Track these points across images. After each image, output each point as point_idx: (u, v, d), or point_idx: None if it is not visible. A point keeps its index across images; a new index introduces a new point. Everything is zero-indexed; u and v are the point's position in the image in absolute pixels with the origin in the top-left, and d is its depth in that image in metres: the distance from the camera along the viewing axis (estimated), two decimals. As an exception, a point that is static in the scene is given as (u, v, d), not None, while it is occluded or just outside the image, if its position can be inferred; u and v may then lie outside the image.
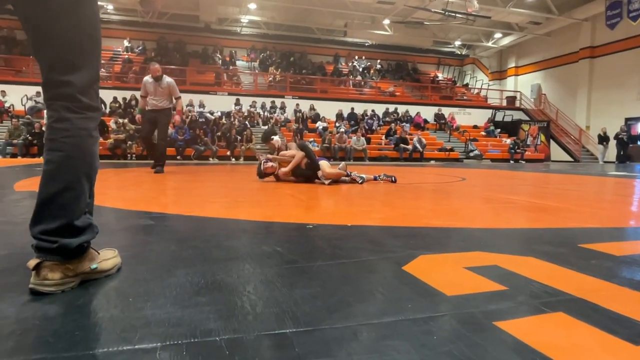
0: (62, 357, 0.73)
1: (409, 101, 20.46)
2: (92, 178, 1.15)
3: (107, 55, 19.44)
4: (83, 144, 1.10)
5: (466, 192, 4.04)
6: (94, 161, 1.14)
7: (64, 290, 1.06)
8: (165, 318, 0.90)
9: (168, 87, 6.14)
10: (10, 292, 1.05)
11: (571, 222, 2.35)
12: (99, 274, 1.17)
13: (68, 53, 1.06)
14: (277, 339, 0.81)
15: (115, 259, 1.25)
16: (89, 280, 1.14)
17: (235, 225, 2.13)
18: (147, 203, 3.02)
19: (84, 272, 1.12)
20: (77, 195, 1.09)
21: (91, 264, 1.14)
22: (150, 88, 6.10)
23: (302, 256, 1.44)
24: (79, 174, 1.10)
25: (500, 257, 1.45)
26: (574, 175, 7.55)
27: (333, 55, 23.93)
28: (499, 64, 24.75)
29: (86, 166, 1.11)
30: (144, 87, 6.17)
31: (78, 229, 1.09)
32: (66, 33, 1.05)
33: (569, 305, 1.01)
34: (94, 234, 1.17)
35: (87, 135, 1.11)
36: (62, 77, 1.06)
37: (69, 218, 1.07)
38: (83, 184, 1.10)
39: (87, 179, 1.12)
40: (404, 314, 0.95)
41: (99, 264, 1.17)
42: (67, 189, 1.07)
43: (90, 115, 1.12)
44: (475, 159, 16.46)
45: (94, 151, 1.14)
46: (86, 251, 1.14)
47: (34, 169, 6.79)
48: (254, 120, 16.17)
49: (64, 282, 1.07)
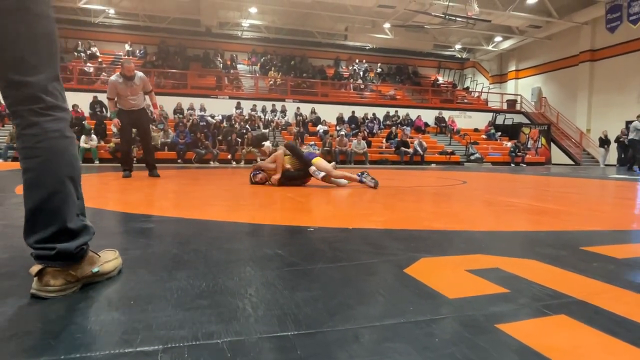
0: (64, 359, 0.73)
1: (410, 104, 20.48)
2: (76, 179, 1.13)
3: (108, 60, 19.51)
4: (58, 146, 1.08)
5: (467, 195, 4.04)
6: (74, 162, 1.12)
7: (66, 295, 1.06)
8: (166, 321, 0.89)
9: (142, 83, 5.71)
10: (12, 295, 1.05)
11: (572, 224, 2.35)
12: (101, 276, 1.17)
13: (24, 53, 1.03)
14: (278, 341, 0.81)
15: (116, 261, 1.25)
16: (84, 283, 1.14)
17: (236, 228, 2.13)
18: (148, 206, 3.02)
19: (85, 276, 1.12)
20: (64, 199, 1.08)
21: (92, 267, 1.14)
22: (121, 88, 5.58)
23: (303, 259, 1.44)
24: (62, 176, 1.08)
25: (502, 260, 1.45)
26: (574, 178, 7.54)
27: (334, 59, 23.99)
28: (500, 67, 24.80)
29: (67, 168, 1.09)
30: (114, 88, 5.59)
31: (73, 232, 1.09)
32: (19, 32, 1.02)
33: (571, 307, 1.01)
34: (91, 235, 1.16)
35: (61, 137, 1.09)
36: (21, 78, 1.03)
37: (62, 222, 1.07)
38: (68, 186, 1.09)
39: (71, 181, 1.10)
40: (406, 316, 0.95)
41: (101, 266, 1.17)
42: (53, 194, 1.06)
43: (58, 115, 1.10)
44: (476, 162, 16.45)
45: (72, 152, 1.12)
46: (86, 254, 1.14)
47: (35, 172, 6.79)
48: (255, 124, 16.19)
49: (66, 287, 1.07)
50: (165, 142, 13.44)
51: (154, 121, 13.68)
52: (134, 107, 5.69)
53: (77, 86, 16.05)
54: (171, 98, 16.04)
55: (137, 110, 5.73)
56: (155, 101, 5.97)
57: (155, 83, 16.80)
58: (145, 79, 5.81)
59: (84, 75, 17.21)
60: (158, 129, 13.47)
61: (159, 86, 16.83)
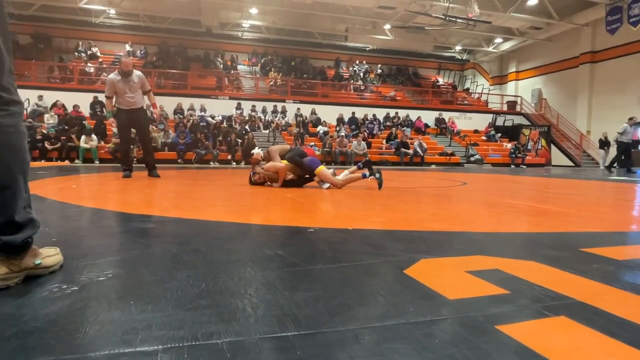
0: (64, 359, 0.73)
1: (410, 106, 20.49)
2: (26, 173, 1.14)
3: (108, 60, 19.51)
4: (13, 142, 1.08)
5: (467, 197, 4.04)
6: (26, 156, 1.13)
7: (9, 285, 1.08)
8: (166, 321, 0.89)
9: (140, 82, 5.66)
10: (12, 294, 1.05)
11: (572, 226, 2.35)
12: (43, 269, 1.19)
13: None
14: (278, 342, 0.81)
15: (57, 257, 1.27)
16: (84, 283, 1.14)
17: (236, 229, 2.12)
18: (148, 206, 3.02)
19: (28, 268, 1.14)
20: (14, 194, 1.09)
21: (35, 259, 1.16)
22: (120, 86, 5.52)
23: (303, 259, 1.44)
24: (14, 172, 1.09)
25: (502, 261, 1.45)
26: (574, 179, 7.54)
27: (334, 59, 24.00)
28: (500, 68, 24.80)
29: (19, 164, 1.10)
30: (112, 86, 5.54)
31: (19, 225, 1.10)
32: None
33: (571, 309, 1.01)
34: (36, 228, 1.17)
35: (15, 132, 1.09)
36: None
37: (9, 216, 1.08)
38: (19, 182, 1.10)
39: (22, 176, 1.11)
40: (406, 317, 0.94)
41: (43, 259, 1.19)
42: (3, 188, 1.07)
43: (13, 110, 1.10)
44: (476, 163, 16.45)
45: (24, 146, 1.13)
46: (30, 247, 1.15)
47: (37, 172, 6.79)
48: (255, 125, 16.19)
49: (9, 277, 1.09)
50: (166, 142, 13.44)
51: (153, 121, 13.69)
52: (132, 106, 5.63)
53: (77, 86, 16.06)
54: (171, 98, 16.05)
55: (136, 109, 5.68)
56: (154, 101, 5.93)
57: (156, 83, 16.80)
58: (143, 78, 5.78)
59: (84, 75, 17.21)
60: (158, 129, 13.47)
61: (160, 86, 16.83)
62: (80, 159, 12.20)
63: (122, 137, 5.94)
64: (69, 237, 1.82)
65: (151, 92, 5.93)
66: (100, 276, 1.21)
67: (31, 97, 14.69)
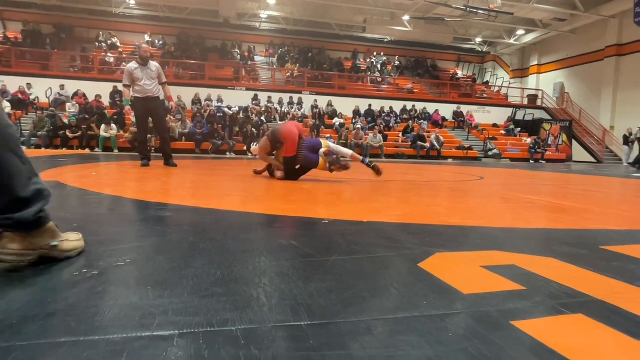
0: (84, 340, 0.75)
1: (428, 98, 20.25)
2: (15, 147, 1.09)
3: (128, 50, 19.75)
4: None
5: (484, 192, 3.98)
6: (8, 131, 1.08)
7: (23, 262, 1.09)
8: (182, 307, 0.91)
9: (157, 71, 5.75)
10: (33, 277, 1.08)
11: (592, 223, 2.30)
12: (59, 252, 1.18)
13: None
14: (292, 330, 0.82)
15: (77, 242, 1.26)
16: (103, 268, 1.16)
17: (251, 219, 2.14)
18: (165, 195, 3.06)
19: (43, 247, 1.14)
20: (9, 171, 1.06)
21: (52, 240, 1.16)
22: (138, 74, 5.61)
23: (317, 250, 1.45)
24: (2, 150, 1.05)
25: (519, 257, 1.43)
26: (596, 176, 7.37)
27: (352, 51, 23.81)
28: (521, 61, 24.26)
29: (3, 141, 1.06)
30: (130, 75, 5.63)
31: (26, 200, 1.08)
32: None
33: (588, 307, 0.99)
34: (46, 198, 1.15)
35: None
36: None
37: (11, 194, 1.06)
38: (10, 158, 1.06)
39: (10, 151, 1.07)
40: (419, 310, 0.94)
41: (60, 242, 1.18)
42: None
43: None
44: (494, 158, 16.20)
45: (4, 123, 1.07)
46: (46, 223, 1.14)
47: (58, 159, 6.96)
48: (271, 116, 16.24)
49: (23, 253, 1.09)
50: (183, 132, 13.59)
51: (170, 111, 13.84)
52: (149, 94, 5.68)
53: (98, 76, 16.32)
54: (189, 89, 16.20)
55: (153, 98, 5.73)
56: (169, 93, 6.00)
57: (174, 74, 16.96)
58: (160, 69, 5.87)
59: (104, 65, 17.46)
60: (176, 119, 13.62)
61: (178, 77, 16.98)
62: (100, 147, 12.44)
63: (140, 127, 6.03)
64: (89, 224, 1.87)
65: (167, 85, 5.99)
66: (119, 262, 1.24)
67: (53, 86, 15.02)
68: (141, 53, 5.69)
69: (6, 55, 16.13)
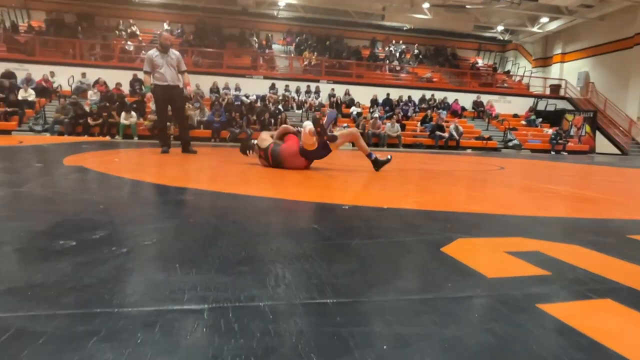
0: (118, 312, 0.77)
1: (447, 87, 19.93)
2: None
3: (147, 38, 19.92)
4: None
5: (505, 181, 3.93)
6: None
7: None
8: (210, 284, 0.93)
9: (177, 60, 5.76)
10: (67, 253, 1.12)
11: (618, 213, 2.25)
12: None
13: None
14: (318, 307, 0.83)
15: None
16: (132, 247, 1.19)
17: (272, 203, 2.16)
18: (187, 180, 3.11)
19: None
20: None
21: None
22: (158, 61, 5.63)
23: (339, 234, 1.45)
24: None
25: (543, 244, 1.41)
26: (620, 167, 7.17)
27: (370, 39, 23.52)
28: (544, 50, 23.57)
29: None
30: (150, 61, 5.67)
31: None
32: None
33: (617, 293, 0.98)
34: None
35: None
36: None
37: None
38: None
39: None
40: (444, 292, 0.94)
41: None
42: None
43: None
44: (514, 148, 15.91)
45: None
46: None
47: (80, 146, 7.12)
48: (289, 104, 16.23)
49: None
50: (201, 120, 13.71)
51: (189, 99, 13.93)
52: (169, 82, 5.71)
53: (118, 64, 16.54)
54: (207, 77, 16.28)
55: (173, 86, 5.77)
56: (188, 80, 5.99)
57: (193, 62, 17.05)
58: (180, 57, 5.89)
59: (124, 53, 17.67)
60: (194, 108, 13.74)
61: (196, 65, 17.07)
62: (120, 134, 12.65)
63: (160, 114, 6.09)
64: (115, 206, 1.91)
65: (186, 73, 5.99)
66: (146, 241, 1.27)
67: (75, 74, 15.28)
68: (162, 40, 5.76)
69: (31, 44, 16.46)
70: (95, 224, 1.46)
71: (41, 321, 0.72)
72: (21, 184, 2.43)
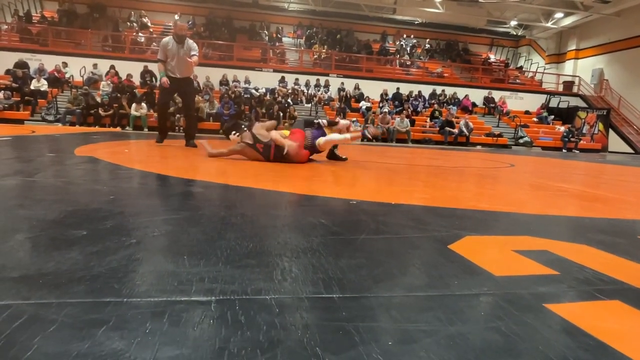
0: (127, 301, 0.79)
1: (458, 83, 19.72)
2: None
3: (158, 30, 19.97)
4: None
5: (515, 178, 3.89)
6: None
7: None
8: (218, 276, 0.94)
9: (190, 50, 5.49)
10: (78, 243, 1.14)
11: (630, 213, 2.22)
12: None
13: None
14: (324, 302, 0.84)
15: None
16: (141, 237, 1.21)
17: (279, 197, 2.17)
18: (195, 172, 3.13)
19: None
20: None
21: None
22: (172, 51, 5.43)
23: (346, 229, 1.46)
24: None
25: (551, 243, 1.40)
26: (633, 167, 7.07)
27: (380, 33, 23.33)
28: (558, 46, 23.18)
29: None
30: (164, 50, 5.46)
31: None
32: None
33: (626, 294, 0.97)
34: None
35: None
36: None
37: None
38: None
39: None
40: (450, 289, 0.94)
41: None
42: None
43: None
44: (525, 145, 15.73)
45: None
46: None
47: (91, 136, 7.19)
48: (298, 98, 16.20)
49: None
50: (211, 112, 13.75)
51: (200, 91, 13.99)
52: (178, 75, 5.57)
53: (129, 55, 16.61)
54: (217, 69, 16.28)
55: (184, 78, 5.66)
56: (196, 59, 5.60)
57: (203, 54, 17.06)
58: (195, 46, 5.64)
59: (135, 44, 17.74)
60: (204, 100, 13.78)
61: (206, 57, 17.08)
62: (130, 126, 12.74)
63: (161, 99, 6.00)
64: (125, 196, 1.93)
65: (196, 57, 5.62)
66: (155, 232, 1.28)
67: (87, 65, 15.39)
68: (176, 30, 5.58)
69: (43, 34, 16.59)
70: (106, 214, 1.48)
71: (53, 309, 0.73)
72: (33, 173, 2.47)
